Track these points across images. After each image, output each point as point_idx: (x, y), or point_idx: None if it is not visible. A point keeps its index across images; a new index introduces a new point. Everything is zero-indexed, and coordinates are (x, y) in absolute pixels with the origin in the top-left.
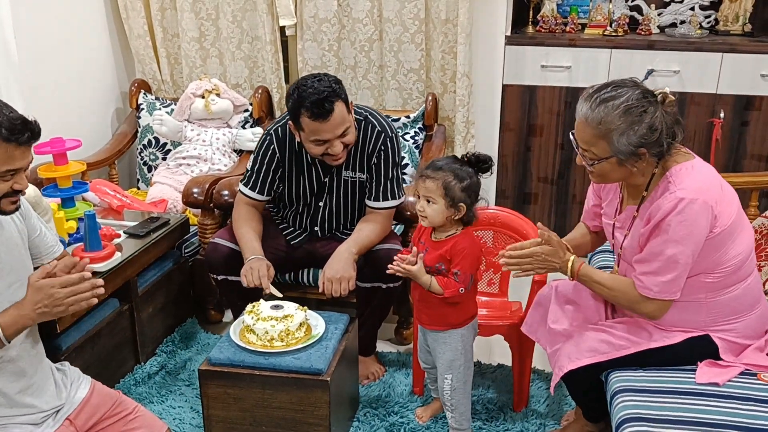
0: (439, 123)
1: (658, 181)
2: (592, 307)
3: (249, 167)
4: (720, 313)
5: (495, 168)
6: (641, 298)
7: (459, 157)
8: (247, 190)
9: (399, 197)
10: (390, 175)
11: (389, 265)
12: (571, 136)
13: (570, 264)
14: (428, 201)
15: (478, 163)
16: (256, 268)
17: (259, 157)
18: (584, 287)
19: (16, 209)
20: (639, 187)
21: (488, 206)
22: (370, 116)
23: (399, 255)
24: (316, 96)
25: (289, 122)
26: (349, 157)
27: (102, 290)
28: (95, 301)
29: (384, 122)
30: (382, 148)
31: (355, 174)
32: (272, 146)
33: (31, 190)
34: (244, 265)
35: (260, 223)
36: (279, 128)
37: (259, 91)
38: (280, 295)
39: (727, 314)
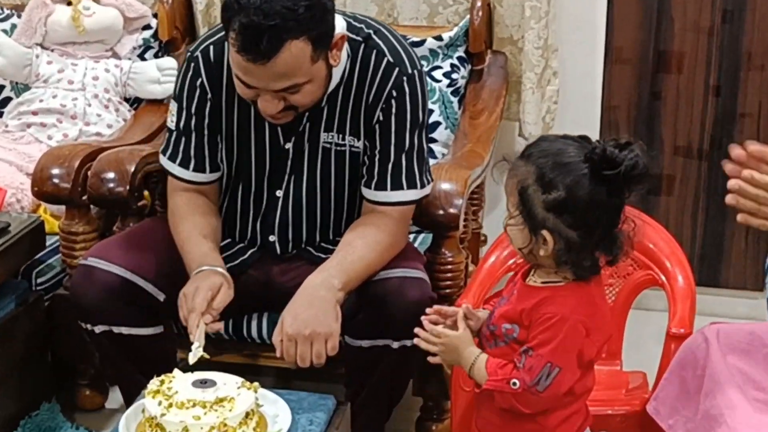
0: (496, 50)
1: None
2: None
3: (169, 124)
4: None
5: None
6: None
7: (588, 139)
8: (175, 168)
9: (422, 184)
10: (406, 145)
11: (416, 330)
12: None
13: None
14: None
15: (603, 164)
16: (203, 289)
17: (185, 103)
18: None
19: None
20: None
21: None
22: (375, 36)
23: (434, 309)
24: (255, 20)
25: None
26: (332, 111)
27: None
28: None
29: (401, 49)
30: (394, 94)
31: (342, 138)
32: (199, 78)
33: None
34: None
35: (214, 216)
36: (211, 47)
37: None
38: (206, 356)
39: None
